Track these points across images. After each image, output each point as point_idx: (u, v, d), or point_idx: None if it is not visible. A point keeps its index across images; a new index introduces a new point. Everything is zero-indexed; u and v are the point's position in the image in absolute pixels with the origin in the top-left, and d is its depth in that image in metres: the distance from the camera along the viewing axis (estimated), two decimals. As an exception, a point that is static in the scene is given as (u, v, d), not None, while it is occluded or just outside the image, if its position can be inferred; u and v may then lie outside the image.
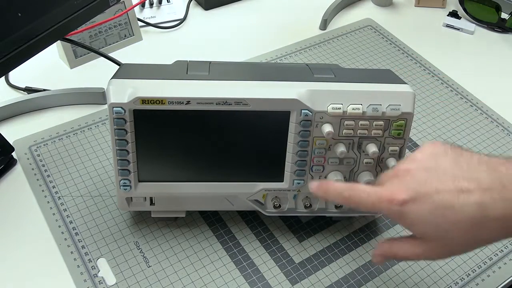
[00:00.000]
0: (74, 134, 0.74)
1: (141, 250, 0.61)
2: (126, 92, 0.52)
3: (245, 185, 0.58)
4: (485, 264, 0.62)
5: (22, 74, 0.81)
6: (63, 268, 0.59)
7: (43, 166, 0.69)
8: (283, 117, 0.55)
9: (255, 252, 0.61)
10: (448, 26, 1.00)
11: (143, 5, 0.97)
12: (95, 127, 0.75)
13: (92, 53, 0.84)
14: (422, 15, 1.03)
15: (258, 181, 0.58)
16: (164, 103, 0.52)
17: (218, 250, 0.61)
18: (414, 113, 0.56)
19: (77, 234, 0.62)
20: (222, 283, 0.58)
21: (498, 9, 0.99)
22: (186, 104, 0.53)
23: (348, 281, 0.60)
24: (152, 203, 0.59)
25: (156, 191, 0.58)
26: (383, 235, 0.64)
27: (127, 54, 0.89)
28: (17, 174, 0.68)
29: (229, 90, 0.53)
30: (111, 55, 0.84)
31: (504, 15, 0.99)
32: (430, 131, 0.78)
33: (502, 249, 0.64)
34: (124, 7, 0.87)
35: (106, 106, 0.77)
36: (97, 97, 0.78)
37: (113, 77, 0.55)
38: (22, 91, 0.80)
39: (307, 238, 0.63)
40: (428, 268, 0.61)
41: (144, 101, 0.52)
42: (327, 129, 0.54)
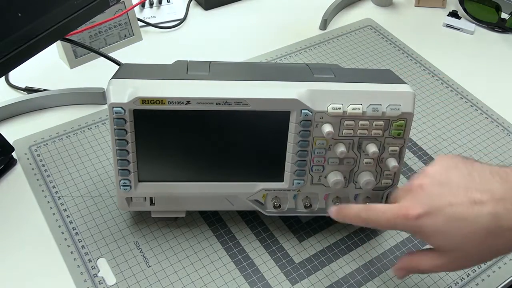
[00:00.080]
0: (74, 134, 0.74)
1: (141, 250, 0.61)
2: (126, 92, 0.52)
3: (245, 185, 0.58)
4: (485, 264, 0.62)
5: (22, 74, 0.81)
6: (63, 268, 0.59)
7: (43, 166, 0.69)
8: (283, 117, 0.55)
9: (255, 252, 0.61)
10: (448, 26, 1.00)
11: (143, 5, 0.97)
12: (95, 127, 0.75)
13: (92, 53, 0.84)
14: (422, 15, 1.03)
15: (258, 181, 0.58)
16: (164, 103, 0.52)
17: (218, 250, 0.61)
18: (414, 113, 0.56)
19: (77, 234, 0.62)
20: (222, 283, 0.58)
21: (498, 9, 0.99)
22: (186, 104, 0.53)
23: (348, 281, 0.60)
24: (152, 203, 0.59)
25: (156, 191, 0.58)
26: (383, 235, 0.64)
27: (127, 54, 0.89)
28: (17, 174, 0.68)
29: (229, 90, 0.53)
30: (111, 55, 0.84)
31: (504, 15, 0.99)
32: (430, 131, 0.78)
33: (502, 249, 0.64)
34: (124, 7, 0.87)
35: (106, 106, 0.77)
36: (97, 97, 0.78)
37: (113, 77, 0.55)
38: (22, 91, 0.80)
39: (307, 238, 0.63)
40: (428, 268, 0.61)
41: (144, 101, 0.52)
42: (327, 129, 0.54)
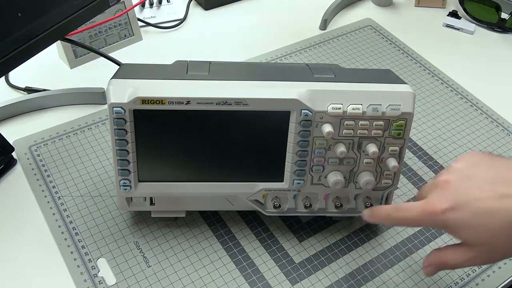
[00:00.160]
0: (74, 134, 0.74)
1: (141, 250, 0.61)
2: (126, 92, 0.52)
3: (245, 185, 0.58)
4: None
5: (22, 74, 0.81)
6: (63, 268, 0.59)
7: (43, 166, 0.69)
8: (283, 117, 0.55)
9: (255, 252, 0.61)
10: (448, 26, 1.00)
11: (143, 5, 0.97)
12: (95, 127, 0.75)
13: (92, 53, 0.84)
14: (422, 15, 1.03)
15: (258, 181, 0.58)
16: (164, 103, 0.52)
17: (218, 250, 0.61)
18: (414, 113, 0.56)
19: (77, 234, 0.62)
20: (222, 283, 0.58)
21: (498, 9, 0.99)
22: (186, 104, 0.53)
23: (348, 281, 0.60)
24: (152, 203, 0.59)
25: (156, 191, 0.58)
26: (383, 235, 0.64)
27: (127, 54, 0.89)
28: (17, 174, 0.68)
29: (229, 90, 0.53)
30: (111, 55, 0.84)
31: (504, 15, 0.99)
32: (430, 131, 0.78)
33: (502, 249, 0.64)
34: (124, 7, 0.87)
35: (106, 106, 0.77)
36: (97, 97, 0.78)
37: (113, 77, 0.55)
38: (22, 91, 0.80)
39: (307, 238, 0.63)
40: (428, 268, 0.61)
41: (144, 101, 0.52)
42: (327, 129, 0.54)
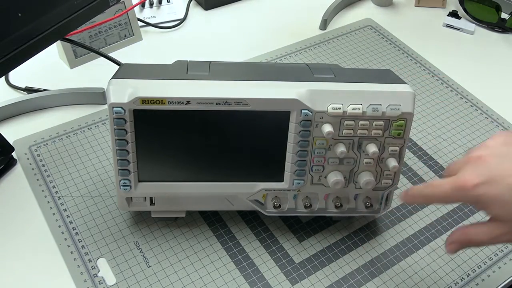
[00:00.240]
0: (74, 134, 0.74)
1: (141, 250, 0.61)
2: (126, 92, 0.52)
3: (245, 185, 0.58)
4: (485, 264, 0.62)
5: (22, 74, 0.81)
6: (63, 268, 0.59)
7: (43, 166, 0.69)
8: (283, 117, 0.55)
9: (255, 252, 0.61)
10: (448, 26, 1.00)
11: (143, 5, 0.97)
12: (95, 127, 0.75)
13: (92, 53, 0.84)
14: (422, 15, 1.03)
15: (258, 181, 0.58)
16: (164, 103, 0.52)
17: (218, 250, 0.61)
18: (414, 113, 0.56)
19: (77, 234, 0.62)
20: (222, 283, 0.58)
21: (498, 9, 0.99)
22: (186, 104, 0.53)
23: (348, 281, 0.60)
24: (152, 203, 0.59)
25: (156, 191, 0.58)
26: (383, 235, 0.64)
27: (127, 54, 0.89)
28: (17, 174, 0.68)
29: (229, 90, 0.53)
30: (111, 55, 0.84)
31: (504, 15, 0.99)
32: (430, 131, 0.78)
33: (502, 249, 0.64)
34: (124, 7, 0.87)
35: (106, 106, 0.77)
36: (97, 97, 0.78)
37: (113, 77, 0.55)
38: (22, 91, 0.80)
39: (307, 238, 0.63)
40: (428, 268, 0.61)
41: (144, 101, 0.52)
42: (327, 129, 0.54)
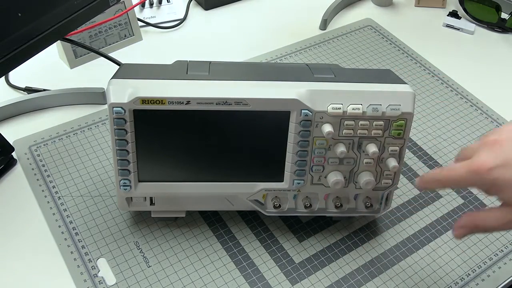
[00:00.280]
0: (74, 134, 0.74)
1: (141, 250, 0.61)
2: (126, 92, 0.52)
3: (245, 185, 0.58)
4: (485, 264, 0.62)
5: (22, 74, 0.81)
6: (63, 268, 0.59)
7: (43, 166, 0.69)
8: (283, 117, 0.55)
9: (255, 252, 0.61)
10: (448, 26, 1.00)
11: (143, 5, 0.97)
12: (95, 127, 0.75)
13: (92, 53, 0.84)
14: (422, 15, 1.03)
15: (258, 181, 0.58)
16: (164, 103, 0.52)
17: (218, 250, 0.61)
18: (414, 113, 0.56)
19: (77, 234, 0.62)
20: (222, 283, 0.58)
21: (498, 9, 0.99)
22: (186, 104, 0.53)
23: (348, 281, 0.60)
24: (152, 203, 0.59)
25: (156, 191, 0.58)
26: (383, 235, 0.64)
27: (127, 54, 0.89)
28: (17, 174, 0.68)
29: (229, 90, 0.53)
30: (111, 55, 0.84)
31: (504, 15, 0.99)
32: (430, 131, 0.78)
33: (502, 249, 0.64)
34: (124, 7, 0.87)
35: (106, 106, 0.78)
36: (97, 97, 0.78)
37: (113, 77, 0.55)
38: (22, 91, 0.80)
39: (307, 238, 0.63)
40: (428, 268, 0.61)
41: (144, 101, 0.52)
42: (327, 129, 0.54)
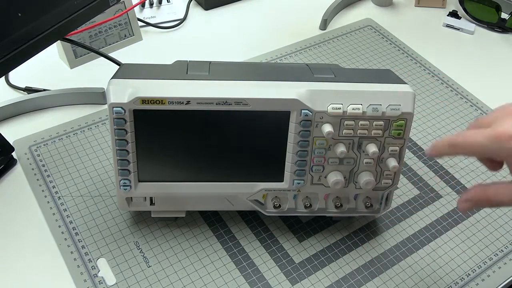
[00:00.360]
0: (74, 134, 0.74)
1: (141, 250, 0.61)
2: (126, 92, 0.52)
3: (245, 185, 0.58)
4: (485, 264, 0.62)
5: (22, 74, 0.81)
6: (63, 268, 0.59)
7: (43, 166, 0.69)
8: (283, 117, 0.55)
9: (255, 252, 0.62)
10: (448, 26, 1.00)
11: (143, 5, 0.97)
12: (95, 127, 0.75)
13: (92, 53, 0.84)
14: (422, 15, 1.03)
15: (258, 181, 0.58)
16: (164, 103, 0.52)
17: (218, 250, 0.61)
18: (414, 113, 0.56)
19: (77, 234, 0.62)
20: (222, 283, 0.58)
21: (498, 9, 0.99)
22: (186, 104, 0.53)
23: (348, 281, 0.60)
24: (152, 203, 0.59)
25: (156, 191, 0.58)
26: (383, 235, 0.64)
27: (127, 54, 0.89)
28: (17, 174, 0.68)
29: (229, 90, 0.53)
30: (111, 55, 0.84)
31: (504, 15, 0.99)
32: (430, 131, 0.78)
33: (502, 249, 0.64)
34: (124, 7, 0.87)
35: (106, 106, 0.78)
36: (97, 97, 0.78)
37: (113, 77, 0.55)
38: (22, 91, 0.80)
39: (307, 238, 0.63)
40: (428, 268, 0.61)
41: (144, 101, 0.52)
42: (327, 129, 0.54)
